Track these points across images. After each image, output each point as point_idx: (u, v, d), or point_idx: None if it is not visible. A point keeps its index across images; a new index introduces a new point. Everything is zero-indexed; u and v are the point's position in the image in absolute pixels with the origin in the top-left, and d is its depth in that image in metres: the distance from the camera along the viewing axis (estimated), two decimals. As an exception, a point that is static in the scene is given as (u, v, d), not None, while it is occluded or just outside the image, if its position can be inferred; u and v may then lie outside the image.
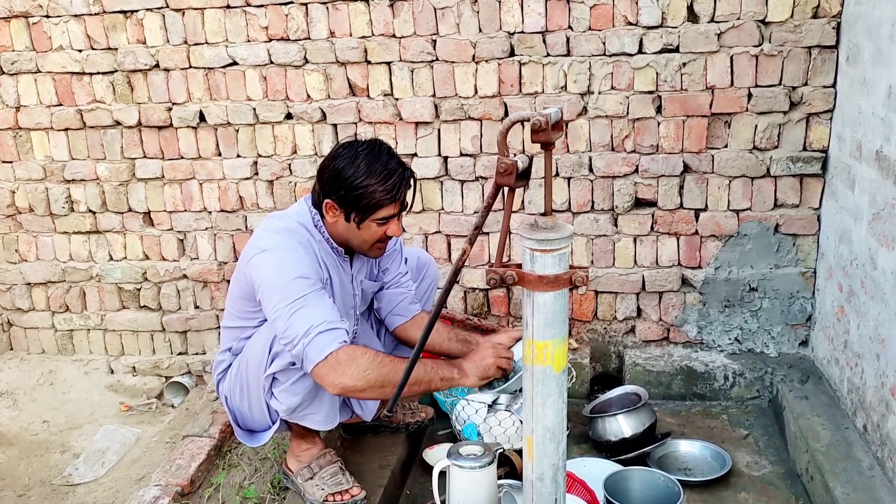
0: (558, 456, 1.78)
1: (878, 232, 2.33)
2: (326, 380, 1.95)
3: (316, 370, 1.94)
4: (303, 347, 1.93)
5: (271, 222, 2.16)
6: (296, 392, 2.09)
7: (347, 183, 2.03)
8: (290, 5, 3.00)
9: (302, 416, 2.15)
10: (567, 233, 1.67)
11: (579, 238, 3.07)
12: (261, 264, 2.03)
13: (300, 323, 1.94)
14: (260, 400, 2.17)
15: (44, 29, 3.17)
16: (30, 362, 3.56)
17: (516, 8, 2.88)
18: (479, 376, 2.14)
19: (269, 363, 2.09)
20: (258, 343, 2.13)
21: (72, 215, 3.40)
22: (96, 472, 2.88)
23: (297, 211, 2.19)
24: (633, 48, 2.84)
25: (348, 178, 2.03)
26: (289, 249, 2.04)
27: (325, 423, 2.18)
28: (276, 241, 2.06)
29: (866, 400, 2.41)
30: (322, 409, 2.15)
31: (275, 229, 2.11)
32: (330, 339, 1.93)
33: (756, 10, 2.75)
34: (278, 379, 2.10)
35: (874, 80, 2.39)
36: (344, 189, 2.03)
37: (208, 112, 3.17)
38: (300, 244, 2.07)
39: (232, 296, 2.23)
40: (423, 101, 3.03)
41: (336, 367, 1.92)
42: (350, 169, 2.03)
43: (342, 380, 1.92)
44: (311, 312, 1.95)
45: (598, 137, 2.97)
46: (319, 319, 1.94)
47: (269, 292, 2.00)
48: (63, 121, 3.27)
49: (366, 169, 2.02)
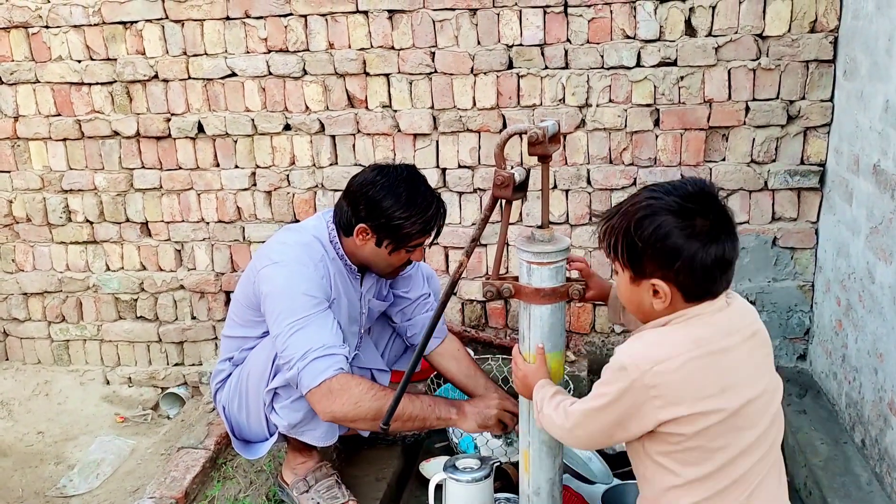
0: (555, 470, 1.77)
1: (876, 246, 2.33)
2: (318, 407, 1.94)
3: (309, 395, 1.94)
4: (297, 371, 1.92)
5: (286, 235, 2.14)
6: (297, 409, 2.08)
7: (387, 213, 2.00)
8: (290, 17, 3.01)
9: (301, 431, 2.14)
10: (564, 245, 1.67)
11: (577, 251, 3.07)
12: (269, 276, 2.01)
13: (298, 344, 1.92)
14: (259, 412, 2.16)
15: (43, 39, 3.18)
16: (25, 373, 3.54)
17: (515, 21, 2.89)
18: (478, 423, 2.08)
19: (271, 377, 2.08)
20: (260, 356, 2.11)
21: (69, 225, 3.39)
22: (91, 484, 2.86)
23: (314, 225, 2.16)
24: (632, 61, 2.85)
25: (388, 208, 1.99)
26: (299, 264, 2.02)
27: (325, 439, 2.17)
28: (289, 255, 2.04)
29: (864, 414, 2.40)
30: (322, 425, 2.14)
31: (290, 242, 2.08)
32: (326, 366, 1.91)
33: (753, 25, 2.76)
34: (280, 394, 2.09)
35: (871, 95, 2.39)
36: (384, 218, 2.00)
37: (207, 123, 3.17)
38: (312, 260, 2.05)
39: (236, 303, 2.21)
40: (422, 112, 3.03)
41: (328, 395, 1.91)
42: (390, 199, 1.99)
43: (333, 408, 1.92)
44: (310, 334, 1.93)
45: (596, 150, 2.97)
46: (318, 343, 1.93)
47: (273, 306, 1.99)
48: (61, 131, 3.27)
49: (406, 200, 1.99)
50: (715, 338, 1.39)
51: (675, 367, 1.35)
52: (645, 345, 1.41)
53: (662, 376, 1.35)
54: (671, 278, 1.39)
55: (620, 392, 1.38)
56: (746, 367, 1.42)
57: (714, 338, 1.39)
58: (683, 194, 1.40)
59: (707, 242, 1.37)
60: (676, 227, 1.37)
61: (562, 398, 1.55)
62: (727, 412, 1.38)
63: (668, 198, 1.39)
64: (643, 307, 1.46)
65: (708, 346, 1.38)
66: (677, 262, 1.37)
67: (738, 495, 1.42)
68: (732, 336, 1.41)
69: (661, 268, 1.39)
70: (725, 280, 1.42)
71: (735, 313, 1.45)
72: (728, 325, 1.41)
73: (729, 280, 1.43)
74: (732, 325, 1.41)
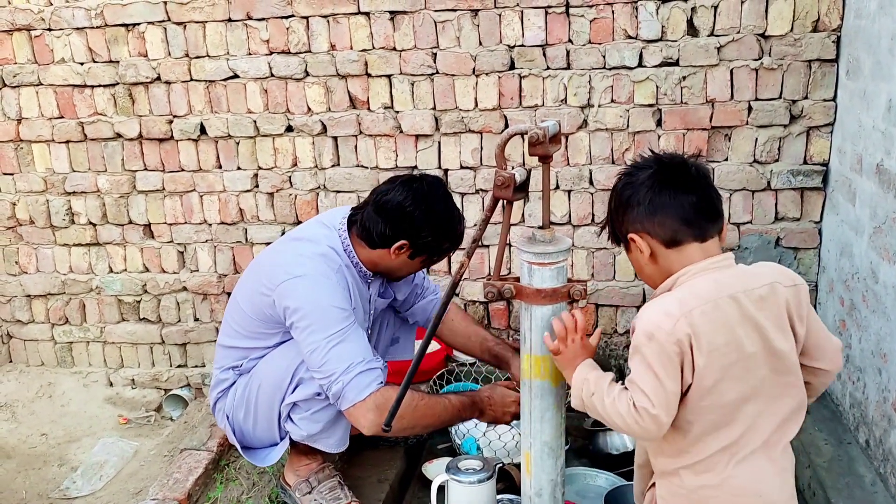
0: (557, 471, 1.76)
1: (880, 246, 2.32)
2: (362, 420, 1.95)
3: (352, 409, 1.95)
4: (342, 386, 1.93)
5: (301, 247, 2.12)
6: (318, 420, 2.10)
7: (429, 231, 2.06)
8: (291, 19, 3.01)
9: (316, 440, 2.15)
10: (565, 246, 1.66)
11: (580, 251, 3.07)
12: (294, 290, 2.01)
13: (339, 359, 1.94)
14: (271, 422, 2.16)
15: (46, 42, 3.19)
16: (29, 374, 3.55)
17: (516, 21, 2.89)
18: (494, 420, 2.18)
19: (292, 391, 2.08)
20: (278, 368, 2.10)
21: (72, 227, 3.40)
22: (94, 486, 2.86)
23: (325, 234, 2.15)
24: (633, 61, 2.85)
25: (429, 227, 2.06)
26: (324, 276, 2.03)
27: (338, 447, 2.19)
28: (311, 268, 2.04)
29: (868, 415, 2.39)
30: (336, 434, 2.16)
31: (307, 254, 2.08)
32: (370, 380, 1.94)
33: (756, 24, 2.75)
34: (299, 406, 2.09)
35: (874, 94, 2.39)
36: (429, 236, 2.07)
37: (209, 125, 3.17)
38: (333, 271, 2.06)
39: (241, 314, 2.19)
40: (424, 113, 3.03)
41: (374, 409, 1.93)
42: (431, 218, 2.06)
43: (379, 421, 1.90)
44: (350, 348, 1.96)
45: (598, 150, 2.97)
46: (359, 357, 1.95)
47: (303, 321, 1.98)
48: (64, 133, 3.28)
49: (444, 218, 2.09)
50: (721, 290, 1.43)
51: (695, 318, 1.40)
52: (661, 307, 1.45)
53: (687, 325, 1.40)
54: (639, 227, 1.50)
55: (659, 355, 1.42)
56: (745, 326, 1.43)
57: (721, 290, 1.43)
58: (639, 163, 1.55)
59: (659, 187, 1.48)
60: (629, 181, 1.52)
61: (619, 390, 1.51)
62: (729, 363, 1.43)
63: (625, 169, 1.57)
64: (644, 272, 1.56)
65: (713, 296, 1.42)
66: (636, 209, 1.49)
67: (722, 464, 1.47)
68: (739, 291, 1.44)
69: (629, 222, 1.52)
70: (697, 222, 1.47)
71: (743, 273, 1.48)
72: (733, 284, 1.45)
73: (704, 225, 1.48)
74: (738, 283, 1.45)
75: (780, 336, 1.46)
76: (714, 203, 1.50)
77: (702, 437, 1.47)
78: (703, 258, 1.47)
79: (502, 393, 2.16)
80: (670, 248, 1.48)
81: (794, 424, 1.51)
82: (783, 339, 1.46)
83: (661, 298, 1.47)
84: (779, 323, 1.46)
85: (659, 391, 1.41)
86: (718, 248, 1.50)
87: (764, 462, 1.48)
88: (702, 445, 1.47)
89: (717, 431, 1.46)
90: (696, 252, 1.47)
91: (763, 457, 1.48)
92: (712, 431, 1.46)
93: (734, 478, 1.46)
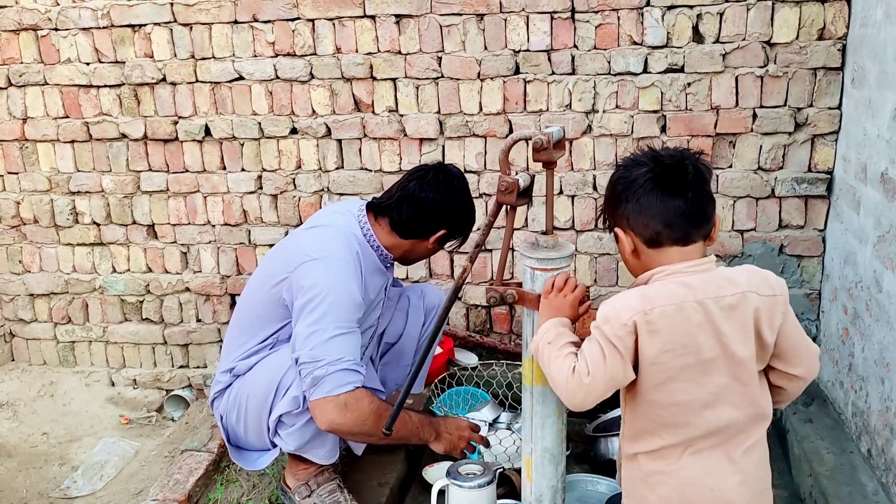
0: (557, 477, 1.76)
1: (884, 254, 2.31)
2: (326, 415, 1.96)
3: (321, 401, 1.95)
4: (324, 374, 1.93)
5: (321, 232, 2.15)
6: (304, 435, 2.10)
7: (466, 215, 2.23)
8: (297, 21, 3.02)
9: (305, 451, 2.15)
10: (567, 252, 1.66)
11: (583, 256, 3.07)
12: (314, 271, 2.01)
13: (334, 349, 1.94)
14: (259, 432, 2.16)
15: (52, 42, 3.20)
16: (31, 373, 3.55)
17: (522, 26, 2.89)
18: (446, 450, 2.24)
19: (274, 404, 2.08)
20: (263, 379, 2.11)
21: (76, 227, 3.41)
22: (94, 486, 2.86)
23: (344, 221, 2.18)
24: (638, 68, 2.85)
25: (465, 214, 2.22)
26: (345, 262, 2.05)
27: (327, 458, 2.19)
28: (332, 252, 2.05)
29: (871, 424, 2.38)
30: (326, 445, 2.16)
31: (328, 238, 2.11)
32: (351, 379, 1.95)
33: (761, 32, 2.75)
34: (285, 422, 2.10)
35: (879, 102, 2.38)
36: (464, 223, 2.23)
37: (214, 126, 3.18)
38: (352, 257, 2.08)
39: (244, 310, 2.21)
40: (428, 117, 3.04)
41: (341, 407, 1.94)
42: (467, 204, 2.22)
43: (338, 420, 1.96)
44: (348, 344, 1.97)
45: (602, 156, 2.97)
46: (352, 356, 1.97)
47: (316, 302, 1.97)
48: (69, 133, 3.29)
49: (468, 204, 2.23)
50: (688, 294, 1.45)
51: (653, 316, 1.44)
52: (626, 297, 1.50)
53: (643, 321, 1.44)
54: (625, 223, 1.53)
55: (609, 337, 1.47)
56: (706, 332, 1.45)
57: (687, 294, 1.45)
58: (637, 157, 1.55)
59: (650, 187, 1.49)
60: (623, 175, 1.54)
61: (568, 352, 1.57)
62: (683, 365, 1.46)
63: (622, 162, 1.59)
64: (628, 263, 1.59)
65: (678, 300, 1.45)
66: (625, 205, 1.52)
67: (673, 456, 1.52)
68: (707, 298, 1.46)
69: (617, 216, 1.55)
70: (680, 228, 1.49)
71: (718, 279, 1.49)
72: (704, 288, 1.46)
73: (687, 231, 1.50)
74: (710, 288, 1.47)
75: (742, 345, 1.47)
76: (703, 209, 1.51)
77: (653, 430, 1.52)
78: (682, 261, 1.50)
79: (457, 420, 2.30)
80: (651, 248, 1.52)
81: (756, 432, 1.53)
82: (745, 347, 1.48)
83: (630, 291, 1.52)
84: (744, 332, 1.48)
85: (599, 366, 1.47)
86: (701, 252, 1.53)
87: (721, 459, 1.50)
88: (655, 437, 1.53)
89: (671, 428, 1.50)
90: (676, 254, 1.50)
91: (721, 454, 1.50)
92: (666, 427, 1.51)
93: (686, 468, 1.50)
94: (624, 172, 1.54)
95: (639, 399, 1.52)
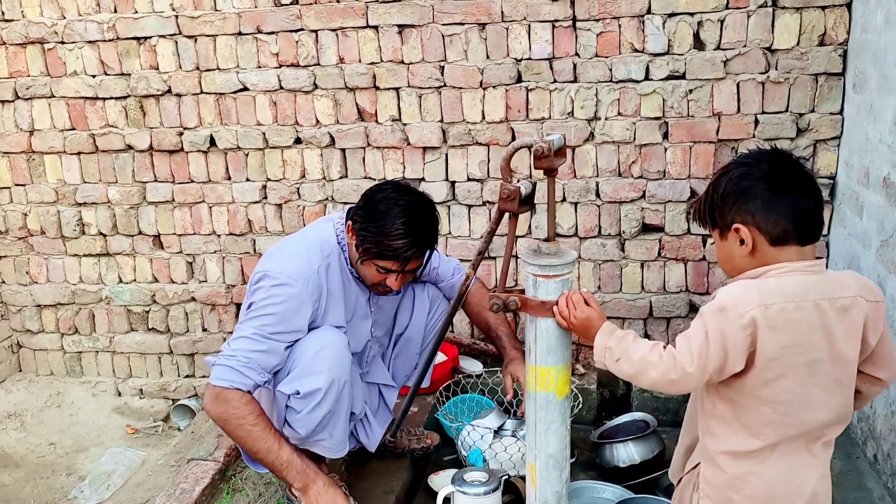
0: (561, 484, 1.76)
1: (887, 258, 2.32)
2: (206, 399, 2.06)
3: (208, 385, 2.06)
4: (220, 361, 2.02)
5: (294, 236, 2.22)
6: (313, 420, 2.10)
7: (373, 218, 2.04)
8: (301, 32, 3.04)
9: (314, 441, 2.15)
10: (570, 258, 1.67)
11: (586, 263, 3.07)
12: (270, 258, 2.11)
13: (243, 346, 2.01)
14: None
15: (59, 55, 3.23)
16: (38, 384, 3.57)
17: (523, 35, 2.91)
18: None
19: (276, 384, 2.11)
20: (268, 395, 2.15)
21: (82, 238, 3.43)
22: (101, 496, 2.87)
23: (322, 227, 2.21)
24: (640, 75, 2.86)
25: (375, 214, 2.03)
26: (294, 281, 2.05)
27: (336, 450, 2.19)
28: (295, 247, 2.13)
29: (876, 429, 2.38)
30: (335, 435, 2.16)
31: (294, 239, 2.18)
32: (234, 378, 1.99)
33: (762, 38, 2.76)
34: (293, 408, 2.11)
35: (881, 108, 2.39)
36: (368, 222, 2.04)
37: (219, 136, 3.20)
38: (318, 260, 2.10)
39: None
40: (431, 126, 3.05)
41: (213, 397, 2.02)
42: (382, 206, 2.03)
43: (209, 408, 2.05)
44: (254, 349, 2.01)
45: (605, 163, 2.98)
46: (255, 362, 2.01)
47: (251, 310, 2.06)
48: (76, 145, 3.32)
49: (393, 218, 2.01)
50: (807, 294, 1.45)
51: (773, 311, 1.43)
52: (742, 290, 1.48)
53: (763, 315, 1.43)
54: (749, 220, 1.49)
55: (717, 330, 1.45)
56: (819, 333, 1.46)
57: (806, 294, 1.45)
58: (754, 154, 1.54)
59: (778, 185, 1.47)
60: (746, 172, 1.50)
61: (653, 342, 1.58)
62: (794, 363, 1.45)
63: (739, 159, 1.55)
64: (734, 261, 1.55)
65: (798, 298, 1.45)
66: (751, 202, 1.48)
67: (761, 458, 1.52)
68: (823, 299, 1.46)
69: (738, 212, 1.50)
70: (806, 228, 1.49)
71: (830, 281, 1.50)
72: (820, 289, 1.47)
73: (811, 231, 1.50)
74: (825, 289, 1.47)
75: (850, 347, 1.49)
76: (822, 211, 1.53)
77: (754, 427, 1.51)
78: (799, 260, 1.50)
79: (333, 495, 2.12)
80: (774, 246, 1.50)
81: (838, 430, 1.56)
82: (852, 349, 1.49)
83: (748, 283, 1.50)
84: (853, 334, 1.49)
85: (703, 353, 1.46)
86: (814, 254, 1.53)
87: (805, 455, 1.53)
88: (753, 437, 1.51)
89: (772, 427, 1.50)
90: (795, 254, 1.50)
91: (804, 449, 1.52)
92: (768, 426, 1.50)
93: (773, 467, 1.51)
94: (745, 169, 1.52)
95: (744, 393, 1.50)
